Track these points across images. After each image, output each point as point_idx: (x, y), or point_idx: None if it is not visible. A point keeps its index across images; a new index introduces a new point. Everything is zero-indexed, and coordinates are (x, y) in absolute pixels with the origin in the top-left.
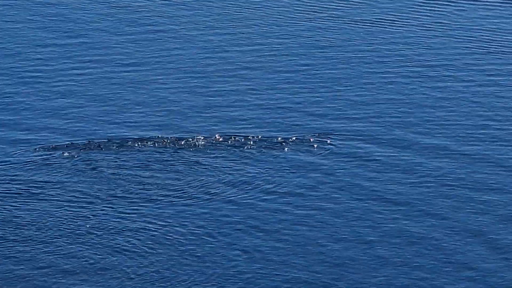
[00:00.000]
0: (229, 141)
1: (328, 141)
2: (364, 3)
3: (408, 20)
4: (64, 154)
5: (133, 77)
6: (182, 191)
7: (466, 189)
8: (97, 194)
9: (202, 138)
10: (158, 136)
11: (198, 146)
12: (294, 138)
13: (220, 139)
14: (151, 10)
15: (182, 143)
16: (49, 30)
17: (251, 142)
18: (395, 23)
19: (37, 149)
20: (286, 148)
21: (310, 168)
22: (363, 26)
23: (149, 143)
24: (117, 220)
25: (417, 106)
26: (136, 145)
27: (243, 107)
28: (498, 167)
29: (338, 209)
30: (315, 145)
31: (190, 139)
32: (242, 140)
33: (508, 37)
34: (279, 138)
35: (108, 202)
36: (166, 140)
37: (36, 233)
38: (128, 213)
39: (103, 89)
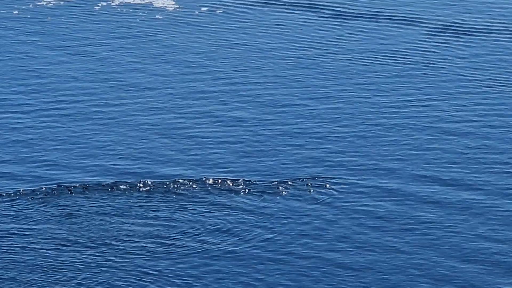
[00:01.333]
0: (219, 185)
1: (327, 185)
2: (363, 37)
3: (410, 55)
4: (31, 199)
5: (108, 117)
6: (173, 240)
7: (476, 241)
8: (80, 242)
9: (183, 181)
10: (139, 181)
11: (183, 190)
12: (289, 182)
13: (210, 182)
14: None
15: (171, 186)
16: (17, 69)
17: (242, 186)
18: (395, 58)
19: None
20: (282, 192)
21: (310, 215)
22: (362, 61)
23: (129, 187)
24: (108, 269)
25: (419, 147)
26: (111, 189)
27: (230, 148)
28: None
29: (344, 259)
30: (311, 190)
31: (171, 183)
32: (231, 184)
33: None
34: (275, 182)
35: (95, 249)
36: (140, 185)
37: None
38: (117, 263)
39: (73, 130)
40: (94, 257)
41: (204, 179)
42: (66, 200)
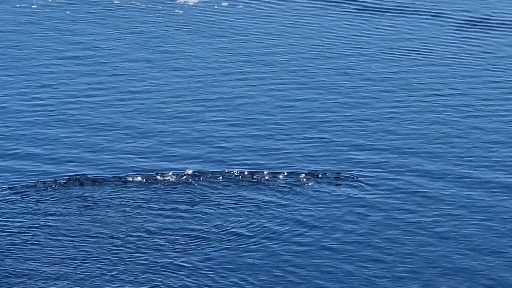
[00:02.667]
0: (244, 177)
1: (357, 177)
2: (390, 32)
3: (438, 49)
4: (45, 190)
5: (137, 105)
6: (205, 233)
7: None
8: (110, 234)
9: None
10: (158, 173)
11: (207, 182)
12: (319, 175)
13: (235, 173)
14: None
15: (201, 178)
16: (38, 64)
17: (267, 178)
18: (424, 52)
19: (10, 187)
20: (311, 185)
21: (343, 207)
22: (390, 56)
23: (147, 180)
24: (142, 262)
25: (447, 140)
26: (126, 182)
27: (254, 141)
28: None
29: (389, 245)
30: (340, 183)
31: (193, 176)
32: (256, 176)
33: None
34: (302, 175)
35: (125, 242)
36: (159, 177)
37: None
38: (152, 258)
39: (93, 122)
40: (125, 250)
41: (226, 171)
42: (81, 192)
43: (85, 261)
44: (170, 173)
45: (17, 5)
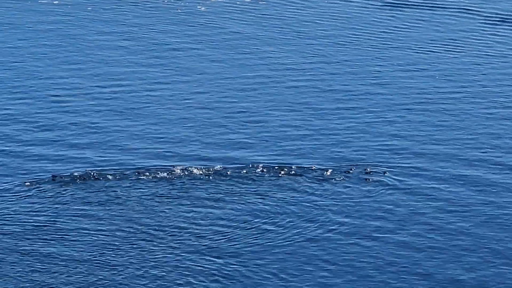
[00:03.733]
0: (270, 171)
1: (386, 173)
2: (419, 27)
3: (466, 45)
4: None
5: (159, 101)
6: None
7: None
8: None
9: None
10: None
11: (236, 175)
12: (347, 170)
13: (259, 167)
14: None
15: (228, 172)
16: (63, 54)
17: (294, 172)
18: (452, 47)
19: (27, 182)
20: (342, 179)
21: (375, 201)
22: (418, 50)
23: (176, 171)
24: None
25: (476, 133)
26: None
27: (284, 135)
28: None
29: (414, 241)
30: (369, 179)
31: (223, 169)
32: (285, 170)
33: None
34: (329, 171)
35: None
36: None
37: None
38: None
39: (122, 114)
40: (155, 244)
41: (251, 165)
42: (103, 185)
43: (117, 254)
44: (196, 167)
45: (39, 1)
